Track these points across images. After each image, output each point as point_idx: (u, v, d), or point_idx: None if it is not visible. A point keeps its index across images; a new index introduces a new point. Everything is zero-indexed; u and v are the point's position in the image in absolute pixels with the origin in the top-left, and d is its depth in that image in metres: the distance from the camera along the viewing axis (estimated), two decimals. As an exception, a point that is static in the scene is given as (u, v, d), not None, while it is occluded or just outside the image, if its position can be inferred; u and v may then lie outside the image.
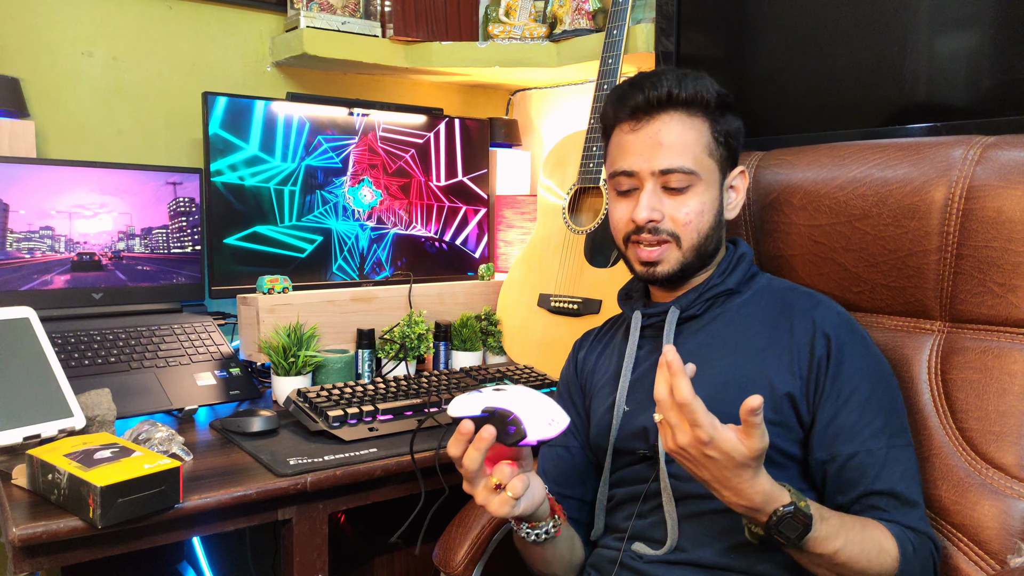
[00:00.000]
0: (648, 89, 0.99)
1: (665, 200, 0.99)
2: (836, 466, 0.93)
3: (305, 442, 1.24)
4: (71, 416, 1.14)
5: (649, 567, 0.97)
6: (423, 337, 1.59)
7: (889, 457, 0.92)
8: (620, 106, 1.01)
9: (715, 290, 1.03)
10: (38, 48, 1.64)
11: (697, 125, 0.99)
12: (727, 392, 0.96)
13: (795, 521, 0.81)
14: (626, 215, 1.02)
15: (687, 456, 0.80)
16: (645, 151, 0.99)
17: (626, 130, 1.01)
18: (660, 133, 0.98)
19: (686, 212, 0.99)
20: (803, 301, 1.00)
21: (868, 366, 0.95)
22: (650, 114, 0.99)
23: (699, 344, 1.02)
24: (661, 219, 0.99)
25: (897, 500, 0.91)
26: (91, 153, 1.70)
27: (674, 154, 0.98)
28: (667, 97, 0.98)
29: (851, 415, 0.93)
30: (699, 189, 0.99)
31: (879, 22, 1.31)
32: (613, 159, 1.03)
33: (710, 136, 1.00)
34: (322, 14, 1.77)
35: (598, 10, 1.81)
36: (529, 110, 2.25)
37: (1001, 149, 0.98)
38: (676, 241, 1.00)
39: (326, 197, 1.75)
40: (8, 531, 0.94)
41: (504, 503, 0.86)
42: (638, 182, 1.00)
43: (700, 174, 0.99)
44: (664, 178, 0.99)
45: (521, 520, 0.96)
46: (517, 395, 0.86)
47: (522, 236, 1.95)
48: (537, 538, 0.97)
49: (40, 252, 1.46)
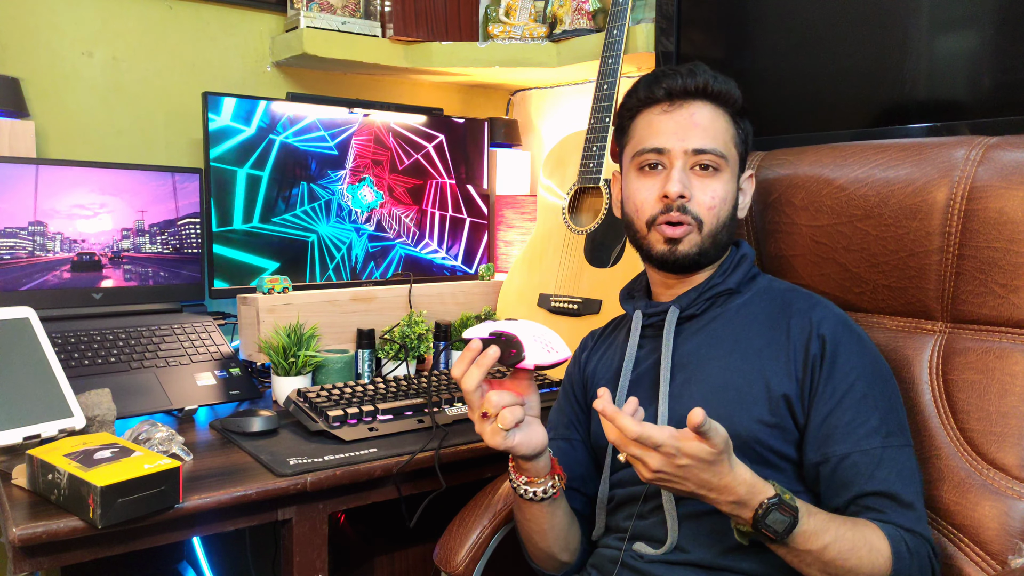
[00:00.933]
0: (685, 76, 1.01)
1: (693, 181, 1.01)
2: (830, 467, 0.92)
3: (305, 442, 1.24)
4: (71, 416, 1.14)
5: (650, 567, 0.97)
6: (423, 337, 1.59)
7: (884, 456, 0.91)
8: (655, 86, 1.03)
9: (715, 289, 1.03)
10: (38, 48, 1.64)
11: (724, 119, 1.03)
12: (724, 393, 0.96)
13: (781, 513, 0.81)
14: (654, 193, 1.02)
15: (665, 477, 0.82)
16: (679, 131, 1.01)
17: (658, 111, 1.03)
18: (695, 116, 1.01)
19: (712, 196, 1.00)
20: (801, 302, 1.00)
21: (864, 365, 0.95)
22: (684, 99, 1.02)
23: (698, 344, 1.02)
24: (690, 198, 1.00)
25: (893, 501, 0.90)
26: (91, 153, 1.70)
27: (708, 136, 1.00)
28: (703, 86, 1.01)
29: (845, 414, 0.92)
30: (725, 176, 1.02)
31: (879, 22, 1.31)
32: (641, 138, 1.04)
33: (734, 131, 1.03)
34: (322, 14, 1.77)
35: (598, 10, 1.81)
36: (529, 110, 2.25)
37: (1003, 150, 0.98)
38: (699, 226, 1.00)
39: (315, 192, 1.70)
40: (8, 531, 0.93)
41: (495, 433, 0.92)
42: (667, 160, 1.01)
43: (728, 160, 1.01)
44: (696, 158, 1.00)
45: (521, 472, 0.98)
46: (525, 325, 0.93)
47: (522, 236, 1.95)
48: (535, 496, 0.98)
49: (40, 252, 1.46)
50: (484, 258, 1.98)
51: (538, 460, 0.97)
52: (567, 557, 1.07)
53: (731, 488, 0.81)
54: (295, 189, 1.68)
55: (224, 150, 1.58)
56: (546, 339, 0.93)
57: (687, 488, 0.82)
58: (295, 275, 1.70)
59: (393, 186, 1.82)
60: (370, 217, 1.79)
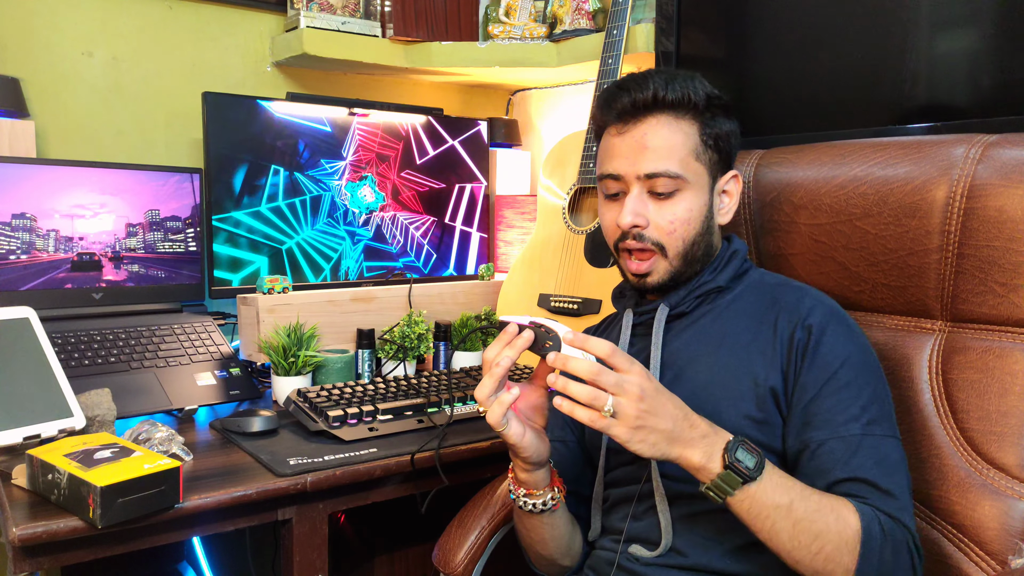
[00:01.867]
0: (634, 91, 0.97)
1: (651, 205, 0.98)
2: (808, 454, 0.90)
3: (305, 442, 1.24)
4: (71, 416, 1.14)
5: (646, 569, 0.97)
6: (423, 337, 1.59)
7: (864, 444, 0.88)
8: (607, 109, 1.00)
9: (705, 287, 1.02)
10: (38, 48, 1.64)
11: (684, 128, 0.98)
12: (710, 390, 0.96)
13: (747, 450, 0.82)
14: (613, 220, 1.01)
15: (644, 423, 0.80)
16: (631, 155, 0.97)
17: (613, 133, 1.00)
18: (646, 136, 0.97)
19: (671, 219, 0.97)
20: (790, 295, 0.99)
21: (849, 354, 0.92)
22: (636, 117, 0.98)
23: (686, 342, 1.01)
24: (646, 225, 0.98)
25: (871, 487, 0.86)
26: (91, 153, 1.70)
27: (659, 158, 0.96)
28: (653, 99, 0.97)
29: (825, 401, 0.91)
30: (686, 195, 0.98)
31: (879, 22, 1.31)
32: (601, 162, 1.03)
33: (698, 139, 0.98)
34: (322, 14, 1.77)
35: (598, 10, 1.81)
36: (529, 110, 2.25)
37: (1003, 148, 0.98)
38: (661, 251, 0.99)
39: (304, 186, 1.63)
40: (8, 531, 0.93)
41: (493, 416, 0.89)
42: (624, 186, 0.99)
43: (687, 178, 0.97)
44: (650, 182, 0.97)
45: (520, 484, 0.98)
46: (563, 326, 0.90)
47: (522, 236, 1.95)
48: (534, 508, 0.98)
49: (40, 252, 1.46)
50: (484, 258, 1.98)
51: (537, 471, 0.96)
52: (568, 562, 1.07)
53: (696, 422, 0.83)
54: (272, 177, 1.60)
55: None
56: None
57: (664, 425, 0.81)
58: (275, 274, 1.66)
59: (400, 188, 1.81)
60: (368, 220, 1.79)
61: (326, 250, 1.70)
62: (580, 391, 0.81)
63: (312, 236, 1.68)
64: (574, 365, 0.81)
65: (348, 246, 1.72)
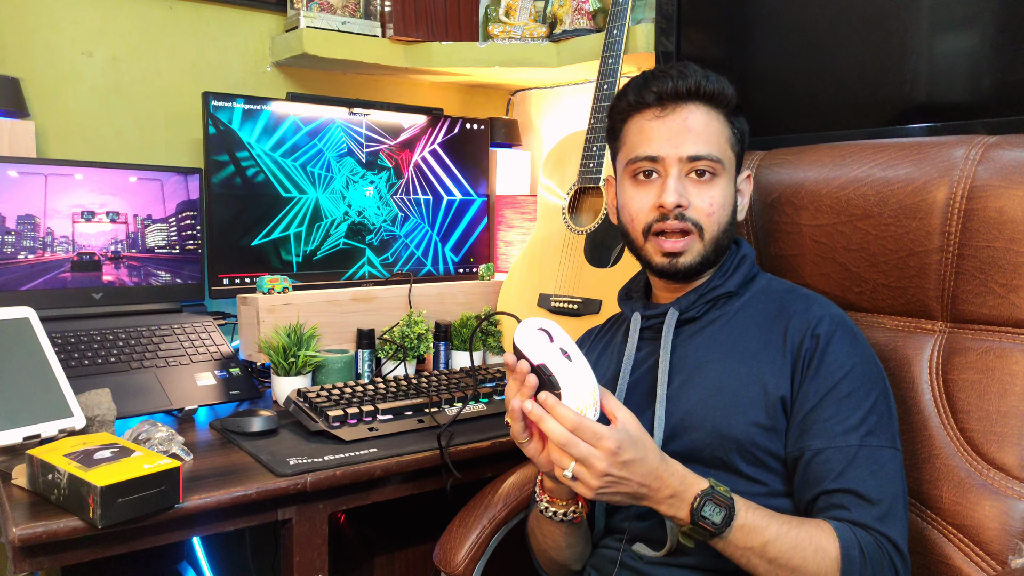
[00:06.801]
0: (676, 77, 0.99)
1: (690, 188, 0.99)
2: (804, 461, 0.90)
3: (305, 442, 1.24)
4: (71, 416, 1.14)
5: (649, 568, 0.97)
6: (423, 337, 1.59)
7: (860, 455, 0.88)
8: (645, 91, 1.00)
9: (715, 292, 1.02)
10: (38, 48, 1.64)
11: (719, 119, 1.00)
12: (720, 397, 0.95)
13: (715, 503, 0.83)
14: (649, 202, 1.00)
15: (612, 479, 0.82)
16: (673, 137, 0.98)
17: (650, 116, 1.00)
18: (688, 120, 0.98)
19: (710, 202, 0.98)
20: (799, 303, 0.99)
21: (853, 364, 0.93)
22: (676, 102, 0.99)
23: (695, 347, 1.01)
24: (688, 205, 0.98)
25: (858, 498, 0.87)
26: (91, 153, 1.70)
27: (701, 141, 0.98)
28: (695, 87, 0.98)
29: (826, 410, 0.91)
30: (722, 181, 1.00)
31: (879, 22, 1.31)
32: (633, 145, 1.01)
33: (730, 132, 1.01)
34: (322, 14, 1.77)
35: (598, 10, 1.81)
36: (529, 110, 2.25)
37: (1003, 149, 0.98)
38: (699, 232, 0.99)
39: (304, 186, 1.67)
40: (8, 531, 0.93)
41: (514, 430, 0.90)
42: (662, 168, 0.99)
43: (725, 164, 1.00)
44: (691, 164, 0.98)
45: (545, 490, 0.99)
46: (578, 368, 0.86)
47: (522, 236, 1.95)
48: (554, 515, 0.99)
49: (40, 252, 1.46)
50: (484, 258, 1.98)
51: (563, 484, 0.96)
52: (578, 566, 1.08)
53: (666, 481, 0.84)
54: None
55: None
56: (586, 396, 0.85)
57: (629, 489, 0.83)
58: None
59: (400, 188, 1.81)
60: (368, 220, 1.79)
61: (327, 212, 1.73)
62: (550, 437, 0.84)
63: (321, 197, 1.72)
64: (547, 425, 0.83)
65: (339, 215, 1.75)
